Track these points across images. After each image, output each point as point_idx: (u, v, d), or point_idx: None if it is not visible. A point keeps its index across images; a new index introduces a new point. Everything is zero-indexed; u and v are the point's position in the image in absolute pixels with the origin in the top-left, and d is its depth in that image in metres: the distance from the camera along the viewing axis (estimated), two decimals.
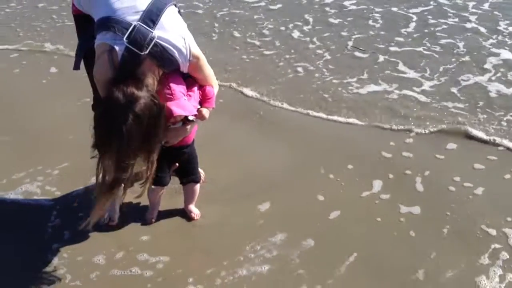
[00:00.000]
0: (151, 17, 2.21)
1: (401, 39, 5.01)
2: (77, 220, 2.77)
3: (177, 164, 2.67)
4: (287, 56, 4.71)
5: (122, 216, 2.78)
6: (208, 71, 2.48)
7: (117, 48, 2.16)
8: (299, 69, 4.51)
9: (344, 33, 5.18)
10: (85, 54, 2.50)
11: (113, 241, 2.66)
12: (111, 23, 2.19)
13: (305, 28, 5.33)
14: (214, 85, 2.54)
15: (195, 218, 2.82)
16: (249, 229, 2.75)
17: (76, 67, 2.54)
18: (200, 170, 3.01)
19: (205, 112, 2.48)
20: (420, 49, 4.81)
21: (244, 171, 3.18)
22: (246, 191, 3.02)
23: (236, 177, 3.13)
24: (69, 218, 2.80)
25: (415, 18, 5.46)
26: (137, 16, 2.20)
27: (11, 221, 2.82)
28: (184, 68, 2.32)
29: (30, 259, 2.56)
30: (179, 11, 2.40)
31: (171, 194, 2.89)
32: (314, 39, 5.05)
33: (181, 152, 2.63)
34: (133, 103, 2.04)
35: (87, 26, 2.45)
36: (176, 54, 2.25)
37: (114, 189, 2.16)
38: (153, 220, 2.80)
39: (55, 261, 2.53)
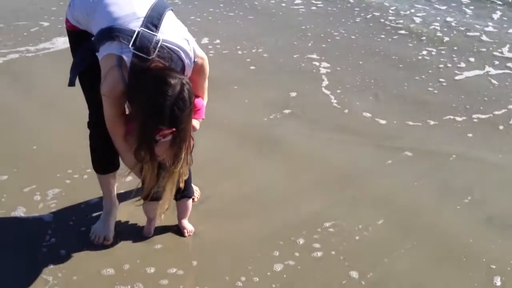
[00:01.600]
0: (153, 21, 2.24)
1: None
2: (74, 238, 2.77)
3: None
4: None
5: (116, 235, 2.77)
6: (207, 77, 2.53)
7: (125, 57, 2.18)
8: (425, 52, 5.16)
9: (449, 18, 6.14)
10: (80, 70, 2.50)
11: (108, 259, 2.64)
12: (114, 32, 2.20)
13: (422, 14, 6.35)
14: (205, 96, 2.58)
15: (188, 234, 2.82)
16: (247, 248, 2.74)
17: (71, 83, 2.53)
18: (195, 188, 3.02)
19: (195, 123, 2.49)
20: None
21: (243, 189, 3.18)
22: (245, 209, 3.02)
23: (235, 195, 3.12)
24: (66, 237, 2.78)
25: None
26: (139, 23, 2.22)
27: (10, 238, 2.79)
28: (189, 71, 2.34)
29: (26, 278, 2.53)
30: None
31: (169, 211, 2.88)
32: (434, 24, 6.01)
33: None
34: (185, 83, 2.14)
35: (82, 43, 2.45)
36: (183, 55, 2.28)
37: (176, 178, 2.32)
38: (151, 233, 2.79)
39: (50, 280, 2.50)
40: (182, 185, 2.45)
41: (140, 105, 2.16)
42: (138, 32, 2.19)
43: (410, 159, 3.53)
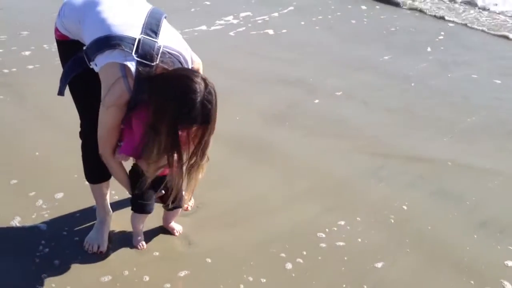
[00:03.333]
0: (152, 28, 2.23)
1: None
2: (67, 248, 2.74)
3: (163, 191, 2.66)
4: None
5: (111, 244, 2.76)
6: None
7: (129, 65, 2.15)
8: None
9: None
10: (71, 80, 2.46)
11: (102, 269, 2.61)
12: (114, 41, 2.17)
13: None
14: None
15: (178, 234, 2.85)
16: (244, 255, 2.73)
17: (61, 93, 2.50)
18: None
19: None
20: None
21: (238, 197, 3.17)
22: (241, 217, 3.01)
23: (231, 203, 3.11)
24: (60, 246, 2.75)
25: None
26: (138, 30, 2.21)
27: (3, 247, 2.76)
28: None
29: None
30: None
31: (158, 215, 2.86)
32: None
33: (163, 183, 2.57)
34: (206, 78, 2.16)
35: (72, 53, 2.41)
36: (182, 60, 2.29)
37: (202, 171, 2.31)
38: (144, 246, 2.76)
39: None
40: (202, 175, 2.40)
41: (167, 108, 2.11)
42: (139, 40, 2.17)
43: (404, 166, 3.55)
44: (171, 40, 2.28)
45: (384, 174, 3.46)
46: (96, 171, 2.69)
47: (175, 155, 2.20)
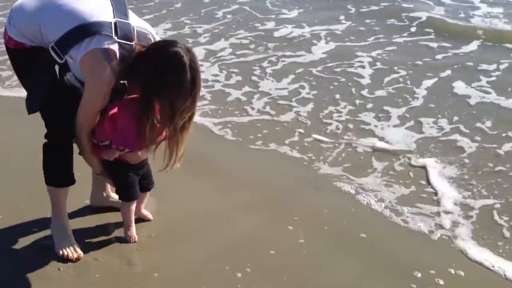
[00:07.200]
0: (122, 10, 2.30)
1: None
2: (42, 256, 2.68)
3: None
4: None
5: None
6: None
7: (113, 47, 2.20)
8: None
9: None
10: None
11: None
12: (92, 28, 2.19)
13: None
14: None
15: (151, 218, 3.01)
16: (186, 273, 2.71)
17: (34, 110, 2.41)
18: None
19: None
20: None
21: (178, 213, 3.14)
22: (181, 233, 2.98)
23: (171, 220, 3.08)
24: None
25: None
26: (110, 14, 2.25)
27: None
28: None
29: None
30: None
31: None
32: None
33: (144, 166, 2.81)
34: (192, 52, 2.24)
35: (29, 60, 2.35)
36: (151, 37, 2.38)
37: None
38: (136, 238, 2.83)
39: None
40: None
41: (158, 82, 2.20)
42: (115, 23, 2.21)
43: (342, 173, 3.64)
44: (138, 21, 2.38)
45: (321, 183, 3.53)
46: (66, 172, 2.59)
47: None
